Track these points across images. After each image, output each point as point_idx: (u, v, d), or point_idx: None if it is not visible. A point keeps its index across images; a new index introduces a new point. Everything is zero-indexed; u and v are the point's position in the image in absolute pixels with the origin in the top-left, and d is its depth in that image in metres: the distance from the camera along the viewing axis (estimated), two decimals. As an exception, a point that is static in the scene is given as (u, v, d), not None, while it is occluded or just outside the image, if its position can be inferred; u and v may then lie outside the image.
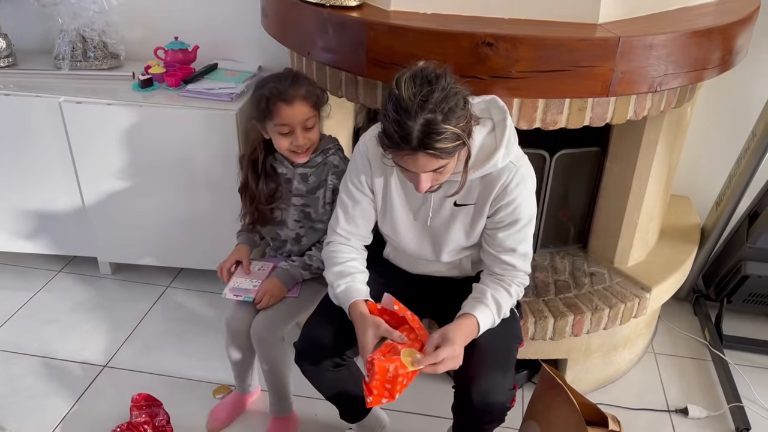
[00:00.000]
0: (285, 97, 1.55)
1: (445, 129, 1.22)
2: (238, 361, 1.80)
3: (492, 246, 1.46)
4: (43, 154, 2.23)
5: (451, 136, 1.23)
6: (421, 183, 1.32)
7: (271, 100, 1.56)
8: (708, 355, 2.25)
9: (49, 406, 1.93)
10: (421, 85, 1.22)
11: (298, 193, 1.71)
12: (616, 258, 2.04)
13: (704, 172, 2.47)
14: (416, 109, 1.21)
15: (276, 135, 1.61)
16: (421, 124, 1.21)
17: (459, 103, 1.25)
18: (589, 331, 1.88)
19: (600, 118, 1.62)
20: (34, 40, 2.50)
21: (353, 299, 1.43)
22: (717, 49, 1.61)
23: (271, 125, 1.60)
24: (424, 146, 1.22)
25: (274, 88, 1.56)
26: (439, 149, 1.23)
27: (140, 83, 2.22)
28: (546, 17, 1.56)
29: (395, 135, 1.23)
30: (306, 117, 1.58)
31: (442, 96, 1.22)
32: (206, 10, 2.39)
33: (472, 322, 1.39)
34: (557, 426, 1.50)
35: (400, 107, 1.22)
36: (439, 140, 1.22)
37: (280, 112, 1.56)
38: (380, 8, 1.62)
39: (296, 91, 1.56)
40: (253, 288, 1.70)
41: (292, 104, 1.56)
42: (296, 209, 1.72)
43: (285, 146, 1.61)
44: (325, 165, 1.69)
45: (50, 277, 2.51)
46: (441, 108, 1.21)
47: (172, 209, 2.29)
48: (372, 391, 1.30)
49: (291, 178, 1.70)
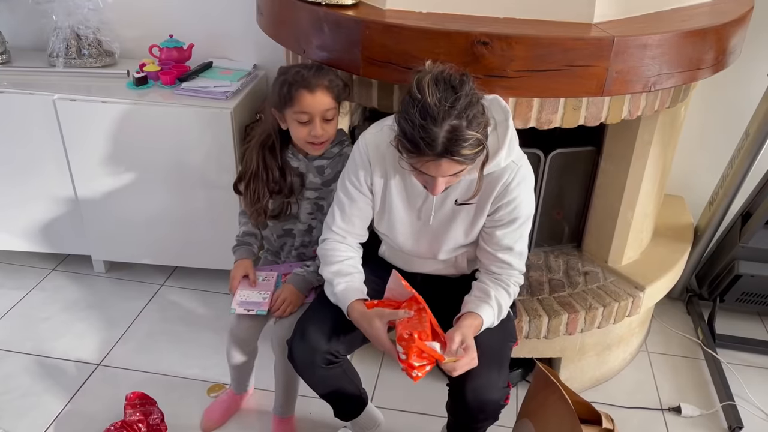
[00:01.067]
0: (308, 85, 1.53)
1: (471, 135, 1.22)
2: (239, 365, 1.80)
3: (489, 244, 1.47)
4: (37, 152, 2.23)
5: (474, 142, 1.24)
6: (437, 187, 1.32)
7: (294, 86, 1.53)
8: (701, 354, 2.26)
9: (43, 404, 1.92)
10: (446, 91, 1.22)
11: (312, 187, 1.68)
12: (610, 257, 2.05)
13: (698, 171, 2.48)
14: (443, 115, 1.21)
15: (294, 123, 1.58)
16: (446, 131, 1.21)
17: (480, 109, 1.26)
18: (583, 329, 1.88)
19: (594, 117, 1.63)
20: (29, 37, 2.49)
21: (353, 299, 1.44)
22: (711, 50, 1.61)
23: (290, 112, 1.56)
24: (449, 153, 1.22)
25: (297, 74, 1.54)
26: (463, 155, 1.24)
27: (135, 81, 2.22)
28: (541, 17, 1.56)
29: (420, 141, 1.22)
30: (326, 107, 1.56)
31: (467, 102, 1.23)
32: (201, 8, 2.39)
33: (478, 323, 1.41)
34: (551, 424, 1.51)
35: (426, 113, 1.21)
36: (464, 147, 1.22)
37: (301, 100, 1.54)
38: (376, 7, 1.62)
39: (320, 80, 1.54)
40: (263, 300, 1.67)
41: (314, 92, 1.53)
42: (309, 202, 1.70)
43: (303, 135, 1.58)
44: (341, 156, 1.67)
45: (44, 275, 2.50)
46: (466, 115, 1.22)
47: (166, 207, 2.28)
48: (413, 365, 1.30)
49: (304, 171, 1.67)
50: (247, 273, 1.72)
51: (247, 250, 1.78)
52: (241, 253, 1.77)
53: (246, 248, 1.78)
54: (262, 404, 1.95)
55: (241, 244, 1.80)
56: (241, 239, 1.81)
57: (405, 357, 1.30)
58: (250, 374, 1.89)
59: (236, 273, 1.72)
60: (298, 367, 1.52)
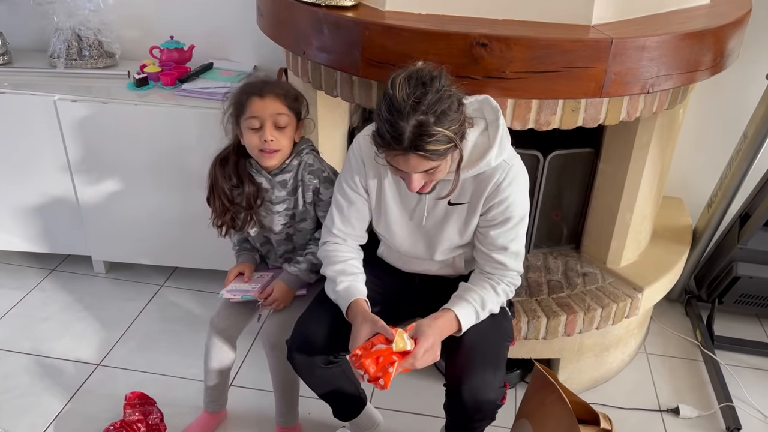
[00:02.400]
0: (258, 91, 1.55)
1: (437, 131, 1.22)
2: (216, 369, 1.77)
3: (484, 244, 1.47)
4: (38, 153, 2.23)
5: (442, 138, 1.24)
6: (412, 183, 1.33)
7: (245, 94, 1.56)
8: (699, 356, 2.27)
9: (42, 404, 1.93)
10: (415, 87, 1.23)
11: (279, 201, 1.68)
12: (609, 258, 2.05)
13: (696, 173, 2.49)
14: (409, 110, 1.21)
15: (248, 132, 1.57)
16: (413, 126, 1.22)
17: (452, 106, 1.26)
18: (581, 330, 1.89)
19: (593, 119, 1.63)
20: (30, 38, 2.50)
21: (356, 297, 1.44)
22: (709, 52, 1.62)
23: (243, 121, 1.57)
24: (415, 147, 1.23)
25: (249, 84, 1.58)
26: (430, 151, 1.24)
27: (135, 82, 2.23)
28: (540, 18, 1.57)
29: (387, 135, 1.24)
30: (277, 112, 1.55)
31: (436, 98, 1.23)
32: (202, 10, 2.40)
33: (449, 317, 1.40)
34: (549, 424, 1.51)
35: (393, 107, 1.23)
36: (430, 142, 1.23)
37: (251, 105, 1.54)
38: (375, 8, 1.63)
39: (271, 88, 1.56)
40: (252, 289, 1.68)
41: (264, 97, 1.54)
42: (281, 215, 1.70)
43: (255, 143, 1.57)
44: (299, 165, 1.66)
45: (44, 275, 2.50)
46: (434, 110, 1.22)
47: (166, 208, 2.29)
48: (376, 375, 1.30)
49: (270, 188, 1.67)
50: (244, 271, 1.74)
51: (248, 255, 1.80)
52: (244, 258, 1.79)
53: (248, 254, 1.80)
54: (262, 406, 1.96)
55: (242, 251, 1.81)
56: (239, 246, 1.82)
57: (366, 375, 1.30)
58: (227, 385, 1.85)
59: (233, 269, 1.74)
60: (298, 368, 1.52)
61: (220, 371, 1.78)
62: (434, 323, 1.37)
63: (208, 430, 1.86)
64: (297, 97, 1.61)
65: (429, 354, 1.33)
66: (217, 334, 1.74)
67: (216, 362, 1.76)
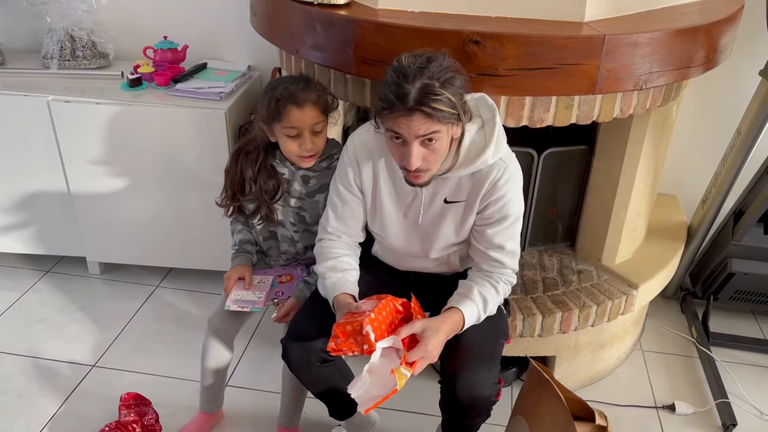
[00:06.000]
0: (296, 100, 1.53)
1: (442, 92, 1.25)
2: (213, 369, 1.76)
3: (480, 243, 1.47)
4: (32, 154, 2.23)
5: (446, 101, 1.26)
6: (411, 156, 1.31)
7: (282, 102, 1.54)
8: (695, 352, 2.27)
9: (38, 405, 1.92)
10: (421, 57, 1.27)
11: (295, 195, 1.69)
12: (604, 255, 2.05)
13: (691, 170, 2.49)
14: (415, 73, 1.25)
15: (284, 138, 1.58)
16: (418, 87, 1.24)
17: (456, 80, 1.28)
18: (577, 328, 1.89)
19: (586, 115, 1.63)
20: (23, 39, 2.49)
21: (340, 292, 1.44)
22: (701, 48, 1.62)
23: (279, 127, 1.57)
24: (420, 104, 1.24)
25: (285, 90, 1.54)
26: (434, 108, 1.25)
27: (129, 82, 2.22)
28: (532, 15, 1.57)
29: (392, 95, 1.25)
30: (315, 121, 1.56)
31: (441, 68, 1.26)
32: (195, 10, 2.39)
33: (457, 317, 1.40)
34: (545, 421, 1.51)
35: (399, 72, 1.26)
36: (435, 100, 1.24)
37: (289, 115, 1.54)
38: (368, 6, 1.63)
39: (307, 95, 1.54)
40: (257, 299, 1.66)
41: (302, 107, 1.53)
42: (293, 211, 1.71)
43: (293, 150, 1.58)
44: (329, 170, 1.66)
45: (39, 277, 2.50)
46: (438, 77, 1.25)
47: (161, 208, 2.28)
48: (337, 338, 1.31)
49: (291, 179, 1.68)
50: (243, 275, 1.72)
51: (246, 257, 1.78)
52: (240, 260, 1.77)
53: (245, 256, 1.78)
54: (258, 406, 1.95)
55: (240, 252, 1.79)
56: (239, 247, 1.80)
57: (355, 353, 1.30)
58: (223, 385, 1.84)
59: (231, 274, 1.72)
60: (293, 366, 1.52)
61: (216, 371, 1.78)
62: (444, 323, 1.37)
63: (204, 430, 1.86)
64: (331, 100, 1.61)
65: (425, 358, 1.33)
66: (214, 334, 1.73)
67: (213, 362, 1.76)
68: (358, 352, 1.30)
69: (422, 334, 1.33)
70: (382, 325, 1.31)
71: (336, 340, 1.31)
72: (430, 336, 1.33)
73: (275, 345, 1.56)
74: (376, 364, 1.31)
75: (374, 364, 1.30)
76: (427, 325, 1.35)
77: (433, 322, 1.36)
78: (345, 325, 1.31)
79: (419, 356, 1.32)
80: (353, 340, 1.30)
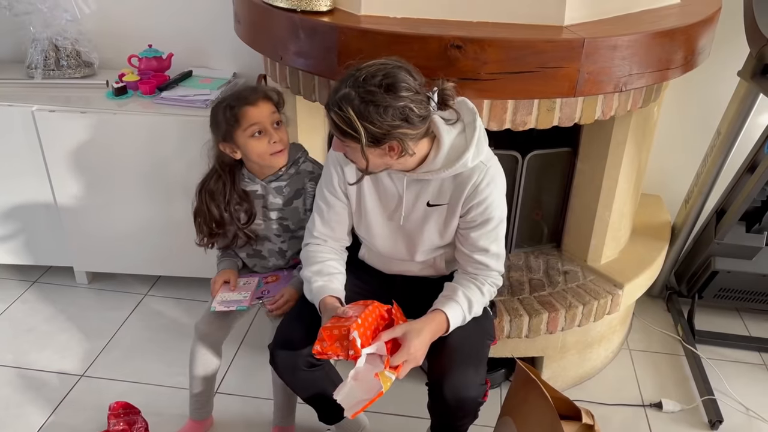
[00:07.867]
0: (248, 101, 1.57)
1: (346, 110, 1.25)
2: (202, 376, 1.76)
3: (465, 246, 1.48)
4: (17, 164, 2.22)
5: (346, 120, 1.26)
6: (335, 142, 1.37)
7: (235, 107, 1.57)
8: (681, 351, 2.29)
9: (26, 416, 1.91)
10: (376, 76, 1.25)
11: (274, 208, 1.70)
12: (589, 256, 2.07)
13: (674, 170, 2.52)
14: (350, 80, 1.26)
15: (250, 141, 1.59)
16: (341, 92, 1.26)
17: (387, 114, 1.24)
18: (563, 328, 1.90)
19: (568, 118, 1.65)
20: (6, 49, 2.48)
21: (325, 295, 1.45)
22: (680, 50, 1.65)
23: (240, 133, 1.58)
24: (327, 106, 1.29)
25: (233, 97, 1.59)
26: (332, 119, 1.28)
27: (114, 91, 2.22)
28: (513, 20, 1.59)
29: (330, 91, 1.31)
30: (272, 112, 1.60)
31: (377, 95, 1.24)
32: (180, 18, 2.40)
33: (441, 318, 1.41)
34: (532, 421, 1.52)
35: (348, 73, 1.28)
36: (335, 112, 1.27)
37: (246, 114, 1.57)
38: (351, 13, 1.65)
39: (256, 94, 1.59)
40: (243, 299, 1.67)
41: (256, 104, 1.58)
42: (275, 222, 1.72)
43: (263, 149, 1.60)
44: (298, 174, 1.69)
45: (26, 287, 2.48)
46: (364, 98, 1.24)
47: (148, 217, 2.28)
48: (323, 342, 1.31)
49: (264, 194, 1.69)
50: (229, 279, 1.73)
51: (231, 261, 1.79)
52: (226, 264, 1.79)
53: (230, 260, 1.80)
54: (248, 413, 1.95)
55: (225, 257, 1.81)
56: (224, 252, 1.81)
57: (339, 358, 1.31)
58: (212, 392, 1.84)
59: (217, 278, 1.73)
60: (280, 371, 1.52)
61: (205, 378, 1.78)
62: (427, 325, 1.38)
63: None
64: (274, 95, 1.64)
65: (408, 361, 1.34)
66: (201, 340, 1.73)
67: (201, 369, 1.76)
68: (344, 357, 1.30)
69: (404, 337, 1.35)
70: (368, 331, 1.32)
71: (322, 343, 1.32)
72: (412, 338, 1.34)
73: (264, 352, 1.57)
74: (361, 370, 1.32)
75: (359, 370, 1.31)
76: (408, 327, 1.36)
77: (416, 324, 1.37)
78: (332, 329, 1.32)
79: (403, 359, 1.33)
80: (339, 344, 1.30)
